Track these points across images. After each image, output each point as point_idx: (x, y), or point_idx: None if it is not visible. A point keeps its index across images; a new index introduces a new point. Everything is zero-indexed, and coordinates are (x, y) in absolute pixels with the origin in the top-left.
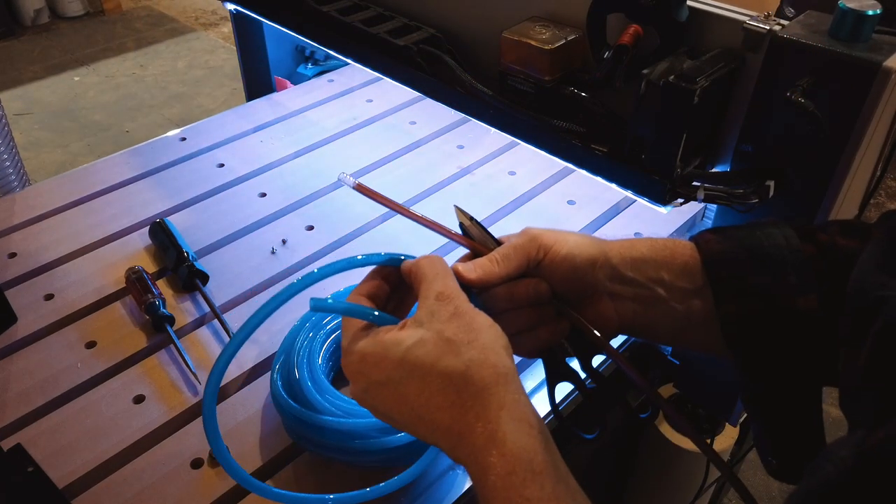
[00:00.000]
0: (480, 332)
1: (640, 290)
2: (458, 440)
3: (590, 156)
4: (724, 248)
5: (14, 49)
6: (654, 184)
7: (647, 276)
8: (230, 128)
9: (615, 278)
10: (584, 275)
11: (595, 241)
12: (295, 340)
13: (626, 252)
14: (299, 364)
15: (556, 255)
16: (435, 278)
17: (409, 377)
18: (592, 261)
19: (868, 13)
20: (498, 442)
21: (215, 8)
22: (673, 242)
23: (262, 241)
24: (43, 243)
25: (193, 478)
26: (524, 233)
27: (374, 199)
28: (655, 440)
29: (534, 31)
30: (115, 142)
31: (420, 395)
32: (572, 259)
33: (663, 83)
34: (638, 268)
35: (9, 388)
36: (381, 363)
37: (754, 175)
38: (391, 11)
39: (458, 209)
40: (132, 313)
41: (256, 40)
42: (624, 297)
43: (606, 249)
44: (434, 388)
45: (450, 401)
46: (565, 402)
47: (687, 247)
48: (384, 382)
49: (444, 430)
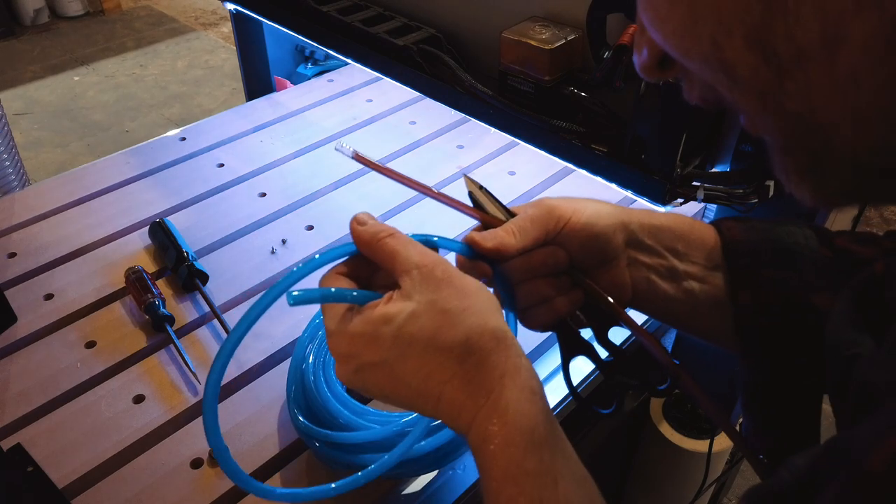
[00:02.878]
0: (474, 297)
1: (656, 258)
2: (459, 411)
3: (590, 156)
4: (746, 237)
5: (14, 49)
6: (654, 184)
7: (664, 245)
8: (230, 128)
9: (633, 243)
10: (603, 242)
11: (614, 207)
12: (302, 363)
13: (646, 219)
14: (318, 389)
15: (576, 224)
16: (406, 247)
17: (406, 355)
18: (612, 227)
19: None
20: (500, 410)
21: (215, 8)
22: (693, 220)
23: (261, 241)
24: (42, 243)
25: (193, 478)
26: (540, 204)
27: (372, 168)
28: (655, 440)
29: (533, 30)
30: (114, 142)
31: (419, 372)
32: (591, 227)
33: (663, 83)
34: (656, 235)
35: (8, 388)
36: (372, 344)
37: (754, 175)
38: (391, 11)
39: (468, 178)
40: (132, 313)
41: (256, 40)
42: (639, 264)
43: (625, 216)
44: (434, 364)
45: (451, 373)
46: (582, 385)
47: (707, 228)
48: (378, 363)
49: (447, 402)
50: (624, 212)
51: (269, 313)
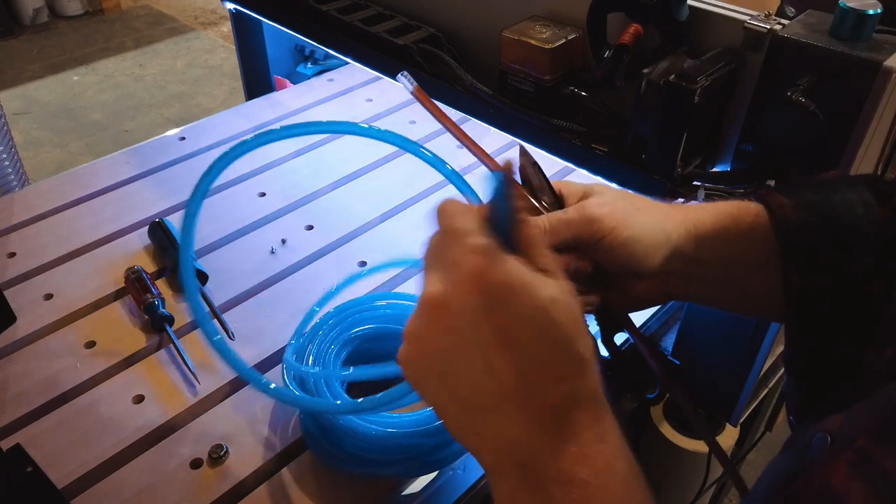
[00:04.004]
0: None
1: (700, 268)
2: (552, 434)
3: (590, 155)
4: (799, 217)
5: (13, 48)
6: (654, 183)
7: (713, 254)
8: (229, 127)
9: (676, 257)
10: (638, 261)
11: (659, 223)
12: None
13: (693, 228)
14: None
15: (613, 241)
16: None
17: (543, 334)
18: (653, 247)
19: (869, 12)
20: (599, 454)
21: (215, 7)
22: (738, 209)
23: (261, 241)
24: (42, 243)
25: (193, 478)
26: (581, 209)
27: (428, 108)
28: (655, 440)
29: (534, 30)
30: (114, 141)
31: (541, 361)
32: (629, 247)
33: (664, 82)
34: (704, 245)
35: (8, 388)
36: (520, 296)
37: (755, 174)
38: (391, 10)
39: (523, 150)
40: (131, 313)
41: (256, 39)
42: (680, 275)
43: (672, 227)
44: (555, 364)
45: (561, 387)
46: None
47: (752, 212)
48: (511, 326)
49: (540, 411)
50: (671, 220)
51: (270, 313)
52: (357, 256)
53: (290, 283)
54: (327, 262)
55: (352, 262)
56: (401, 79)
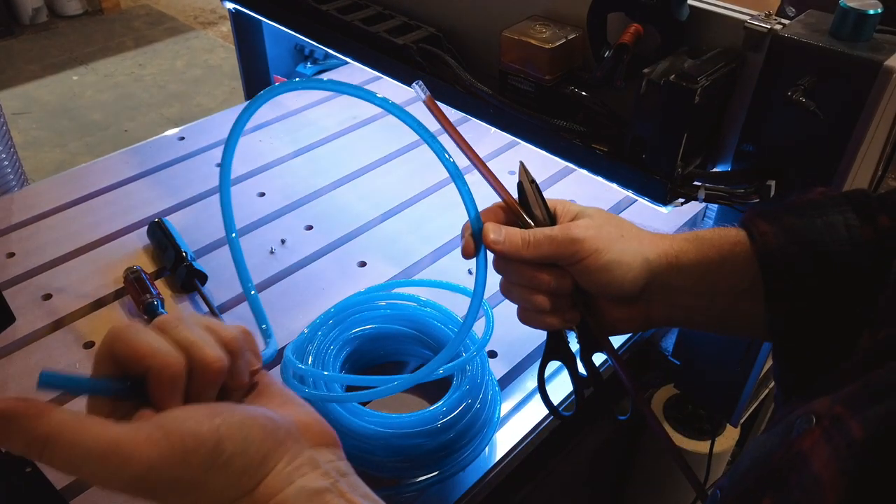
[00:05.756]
0: None
1: (682, 296)
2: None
3: (590, 155)
4: (780, 244)
5: (12, 48)
6: (654, 183)
7: (693, 280)
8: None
9: (656, 286)
10: (617, 286)
11: (640, 250)
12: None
13: (674, 258)
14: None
15: (592, 265)
16: None
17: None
18: (631, 274)
19: (869, 12)
20: None
21: (214, 7)
22: (720, 237)
23: (261, 241)
24: (41, 243)
25: None
26: (567, 229)
27: (438, 119)
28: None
29: (534, 30)
30: (113, 141)
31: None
32: (610, 272)
33: (664, 82)
34: (684, 274)
35: (7, 388)
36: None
37: (755, 175)
38: (391, 10)
39: (524, 167)
40: (131, 313)
41: (255, 39)
42: (661, 302)
43: (653, 256)
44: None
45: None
46: (563, 404)
47: (733, 239)
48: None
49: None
50: (654, 248)
51: (270, 314)
52: (356, 256)
53: (289, 283)
54: (327, 262)
55: (351, 263)
56: (415, 87)
